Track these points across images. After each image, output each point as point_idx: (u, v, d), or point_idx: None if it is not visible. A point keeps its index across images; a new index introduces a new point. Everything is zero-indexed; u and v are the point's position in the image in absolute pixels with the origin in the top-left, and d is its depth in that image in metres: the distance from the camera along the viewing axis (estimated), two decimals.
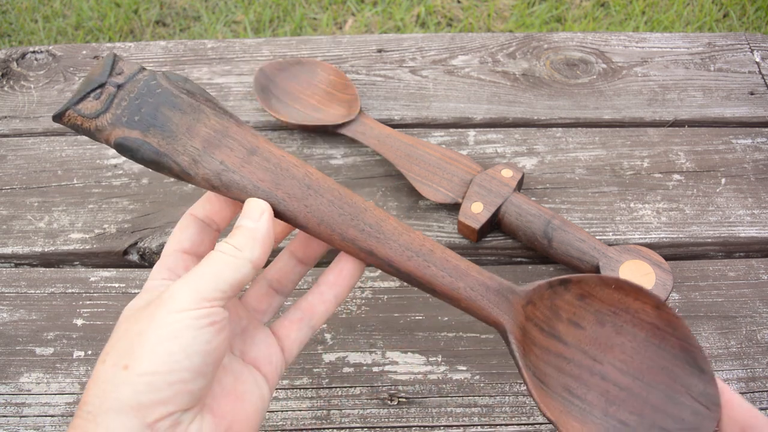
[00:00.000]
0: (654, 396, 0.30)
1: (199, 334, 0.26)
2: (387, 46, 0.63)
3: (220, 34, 1.39)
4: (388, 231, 0.31)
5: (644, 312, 0.31)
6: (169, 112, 0.31)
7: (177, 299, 0.27)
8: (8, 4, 1.44)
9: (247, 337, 0.32)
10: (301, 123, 0.54)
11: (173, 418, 0.26)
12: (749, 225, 0.49)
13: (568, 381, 0.31)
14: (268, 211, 0.30)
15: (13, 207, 0.52)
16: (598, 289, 0.31)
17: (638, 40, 0.62)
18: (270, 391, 0.31)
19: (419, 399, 0.41)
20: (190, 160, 0.30)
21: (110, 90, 0.31)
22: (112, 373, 0.26)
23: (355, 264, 0.33)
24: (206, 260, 0.28)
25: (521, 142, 0.55)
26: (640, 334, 0.31)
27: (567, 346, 0.32)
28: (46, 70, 0.62)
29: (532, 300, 0.31)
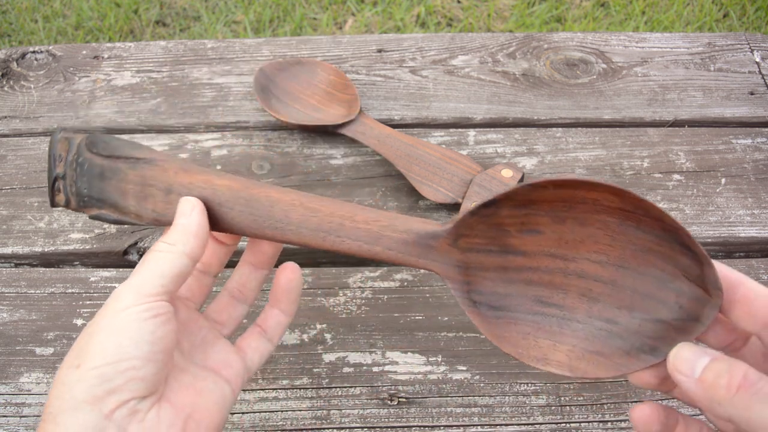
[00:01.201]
0: (644, 283, 0.27)
1: (144, 325, 0.27)
2: (387, 46, 0.63)
3: (220, 34, 1.39)
4: (297, 219, 0.31)
5: (605, 199, 0.27)
6: (101, 183, 0.34)
7: (120, 299, 0.28)
8: (8, 4, 1.44)
9: (207, 347, 0.33)
10: (301, 123, 0.54)
11: (130, 406, 0.27)
12: (749, 225, 0.49)
13: (539, 291, 0.29)
14: (199, 206, 0.32)
15: (13, 207, 0.52)
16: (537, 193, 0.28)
17: (638, 40, 0.62)
18: (232, 392, 0.32)
19: (419, 399, 0.41)
20: (135, 216, 0.34)
21: (60, 183, 0.34)
22: (67, 374, 0.27)
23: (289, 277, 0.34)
24: (144, 260, 0.30)
25: (521, 142, 0.55)
26: (611, 219, 0.27)
27: (528, 257, 0.29)
28: (46, 70, 0.62)
29: (461, 233, 0.30)
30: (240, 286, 0.36)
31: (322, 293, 0.46)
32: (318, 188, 0.52)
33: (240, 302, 0.36)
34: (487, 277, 0.30)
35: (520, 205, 0.29)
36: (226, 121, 0.57)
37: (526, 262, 0.29)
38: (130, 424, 0.27)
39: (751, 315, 0.24)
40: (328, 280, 0.47)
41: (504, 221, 0.29)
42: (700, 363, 0.24)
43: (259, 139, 0.55)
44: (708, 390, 0.24)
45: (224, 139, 0.55)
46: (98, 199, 0.34)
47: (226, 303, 0.36)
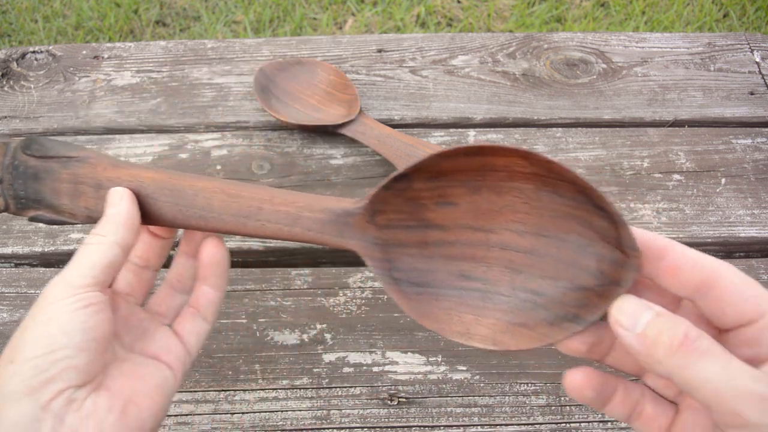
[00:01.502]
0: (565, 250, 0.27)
1: (74, 315, 0.28)
2: (387, 46, 0.63)
3: (220, 34, 1.39)
4: (218, 207, 0.32)
5: (516, 165, 0.27)
6: (36, 184, 0.34)
7: (51, 293, 0.28)
8: (8, 4, 1.44)
9: (147, 337, 0.34)
10: (301, 123, 0.54)
11: (66, 396, 0.27)
12: (749, 225, 0.49)
13: (461, 265, 0.28)
14: (127, 195, 0.32)
15: None
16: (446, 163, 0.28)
17: (638, 40, 0.62)
18: (174, 376, 0.32)
19: (419, 399, 0.41)
20: (69, 215, 0.34)
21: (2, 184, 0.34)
22: (2, 371, 0.27)
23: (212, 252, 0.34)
24: (76, 253, 0.30)
25: (521, 142, 0.55)
26: (526, 185, 0.27)
27: (446, 230, 0.29)
28: (46, 70, 0.62)
29: (378, 209, 0.29)
30: (178, 276, 0.36)
31: (322, 293, 0.46)
32: (318, 188, 0.52)
33: (180, 292, 0.36)
34: (406, 253, 0.29)
35: (434, 177, 0.28)
36: (226, 121, 0.57)
37: (445, 236, 0.29)
38: (68, 413, 0.27)
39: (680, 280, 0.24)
40: (328, 280, 0.47)
41: (419, 195, 0.29)
42: (642, 317, 0.24)
43: (259, 139, 0.55)
44: (648, 347, 0.23)
45: (224, 139, 0.55)
46: (34, 200, 0.34)
47: (165, 294, 0.36)
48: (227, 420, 0.41)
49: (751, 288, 0.24)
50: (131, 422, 0.29)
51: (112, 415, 0.28)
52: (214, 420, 0.41)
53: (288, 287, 0.47)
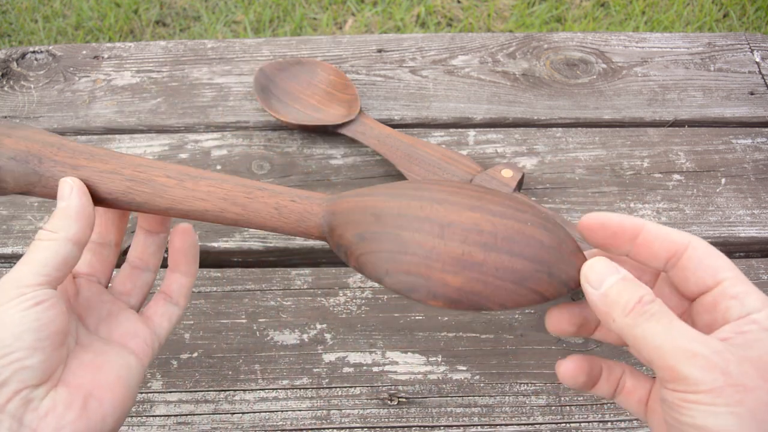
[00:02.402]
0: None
1: (24, 314, 0.27)
2: (387, 46, 0.63)
3: (220, 34, 1.39)
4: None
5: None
6: None
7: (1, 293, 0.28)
8: (8, 4, 1.44)
9: (112, 320, 0.33)
10: (301, 123, 0.54)
11: (22, 397, 0.27)
12: (749, 225, 0.49)
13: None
14: (78, 187, 0.30)
15: (13, 207, 0.52)
16: None
17: (638, 40, 0.62)
18: (139, 363, 0.32)
19: (419, 399, 0.41)
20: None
21: None
22: None
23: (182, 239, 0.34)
24: (28, 250, 0.29)
25: (521, 142, 0.55)
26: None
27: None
28: (46, 70, 0.62)
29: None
30: (139, 254, 0.35)
31: (322, 293, 0.46)
32: (318, 188, 0.52)
33: (143, 270, 0.35)
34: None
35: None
36: (226, 121, 0.57)
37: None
38: (26, 414, 0.27)
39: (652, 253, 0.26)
40: (328, 280, 0.47)
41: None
42: (608, 279, 0.26)
43: (259, 139, 0.55)
44: (608, 305, 0.25)
45: (224, 139, 0.55)
46: None
47: (128, 273, 0.35)
48: (227, 420, 0.41)
49: (712, 258, 0.26)
50: (92, 416, 0.28)
51: (72, 412, 0.28)
52: (214, 420, 0.41)
53: (288, 287, 0.47)
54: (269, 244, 0.49)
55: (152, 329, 0.34)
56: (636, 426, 0.40)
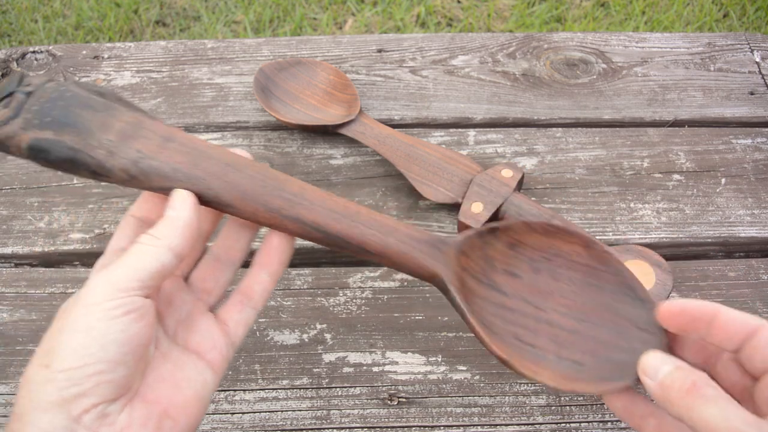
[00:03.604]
0: (603, 333, 0.31)
1: (112, 324, 0.26)
2: (387, 46, 0.63)
3: (220, 34, 1.39)
4: (313, 198, 0.31)
5: (576, 254, 0.32)
6: (81, 110, 0.30)
7: (92, 293, 0.27)
8: (8, 4, 1.44)
9: (191, 324, 0.32)
10: (301, 123, 0.54)
11: (99, 410, 0.26)
12: (749, 225, 0.49)
13: (515, 330, 0.31)
14: (190, 199, 0.30)
15: (13, 207, 0.52)
16: (526, 236, 0.32)
17: (638, 40, 0.62)
18: (214, 377, 0.31)
19: (419, 399, 0.41)
20: (106, 153, 0.30)
21: (19, 97, 0.30)
22: (36, 373, 0.26)
23: (282, 239, 0.33)
24: (126, 252, 0.28)
25: (521, 142, 0.55)
26: (576, 276, 0.32)
27: (507, 297, 0.32)
28: (46, 70, 0.62)
29: (465, 251, 0.32)
30: (226, 248, 0.34)
31: (322, 293, 0.46)
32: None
33: (226, 265, 0.34)
34: (475, 302, 0.31)
35: (510, 245, 0.32)
36: (226, 121, 0.57)
37: (506, 301, 0.32)
38: (101, 428, 0.26)
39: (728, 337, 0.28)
40: (328, 280, 0.47)
41: (496, 256, 0.32)
42: (663, 369, 0.27)
43: (259, 139, 0.55)
44: (665, 392, 0.27)
45: (224, 139, 0.55)
46: (64, 124, 0.30)
47: (212, 267, 0.34)
48: (227, 420, 0.41)
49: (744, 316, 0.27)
50: None
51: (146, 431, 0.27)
52: (213, 420, 0.41)
53: (288, 287, 0.47)
54: None
55: (228, 337, 0.32)
56: None
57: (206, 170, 0.31)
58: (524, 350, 0.31)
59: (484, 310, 0.31)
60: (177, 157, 0.31)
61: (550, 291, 0.32)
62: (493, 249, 0.32)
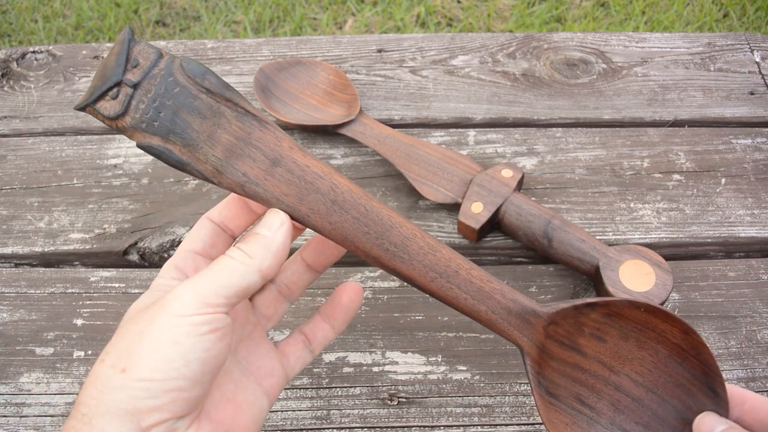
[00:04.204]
0: (663, 409, 0.31)
1: (198, 341, 0.26)
2: (387, 46, 0.63)
3: (220, 34, 1.39)
4: (413, 251, 0.30)
5: (671, 333, 0.31)
6: (189, 117, 0.29)
7: (180, 302, 0.26)
8: (8, 4, 1.44)
9: (252, 345, 0.32)
10: (301, 123, 0.54)
11: (168, 425, 0.26)
12: (749, 225, 0.49)
13: (580, 390, 0.32)
14: (287, 224, 0.29)
15: (13, 207, 0.52)
16: (627, 310, 0.32)
17: (638, 40, 0.62)
18: (269, 406, 0.31)
19: (419, 399, 0.41)
20: (213, 170, 0.29)
21: (126, 90, 0.29)
22: (110, 375, 0.26)
23: (351, 297, 0.34)
24: (214, 264, 0.28)
25: (521, 142, 0.55)
26: (663, 350, 0.31)
27: (585, 357, 0.32)
28: (46, 70, 0.62)
29: (556, 320, 0.32)
30: (290, 284, 0.34)
31: (322, 293, 0.46)
32: None
33: (286, 299, 0.35)
34: (549, 365, 0.32)
35: (606, 315, 0.32)
36: None
37: (582, 361, 0.32)
38: None
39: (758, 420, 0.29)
40: (328, 280, 0.47)
41: (587, 323, 0.32)
42: (718, 428, 0.29)
43: None
44: None
45: None
46: (170, 131, 0.29)
47: (273, 298, 0.34)
48: None
49: None
50: None
51: None
52: None
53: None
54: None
55: (285, 369, 0.33)
56: None
57: (311, 206, 0.30)
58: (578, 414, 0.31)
59: (555, 371, 0.32)
60: (283, 188, 0.30)
61: (631, 357, 0.32)
62: (587, 317, 0.32)
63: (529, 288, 0.46)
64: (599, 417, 0.31)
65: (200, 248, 0.32)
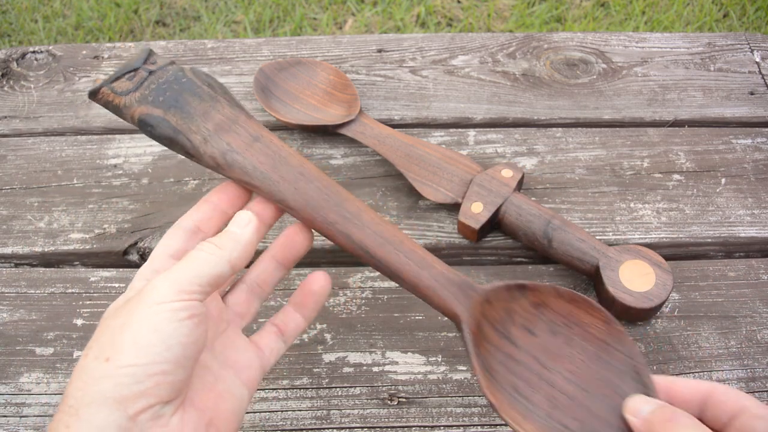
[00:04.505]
0: (597, 406, 0.32)
1: (179, 326, 0.27)
2: (387, 46, 0.63)
3: (220, 34, 1.39)
4: (366, 220, 0.34)
5: (594, 327, 0.34)
6: (190, 97, 0.35)
7: (157, 292, 0.28)
8: (8, 4, 1.44)
9: (227, 341, 0.33)
10: (301, 123, 0.54)
11: (154, 411, 0.26)
12: (749, 225, 0.49)
13: (515, 381, 0.33)
14: (255, 221, 0.32)
15: (13, 207, 0.52)
16: (552, 299, 0.34)
17: (638, 40, 0.62)
18: (249, 396, 0.32)
19: (419, 399, 0.41)
20: (201, 139, 0.34)
21: (142, 74, 0.35)
22: (94, 366, 0.26)
23: (321, 286, 0.35)
24: (187, 256, 0.29)
25: (521, 142, 0.55)
26: (590, 348, 0.33)
27: (518, 349, 0.34)
28: (46, 70, 0.62)
29: (490, 299, 0.34)
30: (261, 282, 0.35)
31: None
32: None
33: (257, 297, 0.36)
34: (485, 347, 0.33)
35: (535, 305, 0.34)
36: None
37: (515, 353, 0.34)
38: (154, 428, 0.26)
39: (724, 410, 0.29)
40: None
41: (517, 311, 0.34)
42: (646, 408, 0.29)
43: None
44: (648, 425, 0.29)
45: None
46: (172, 106, 0.34)
47: (245, 297, 0.35)
48: None
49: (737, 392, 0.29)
50: None
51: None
52: None
53: (288, 287, 0.47)
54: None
55: (261, 361, 0.34)
56: None
57: (281, 175, 0.34)
58: (517, 401, 0.33)
59: (491, 356, 0.33)
60: (260, 158, 0.34)
61: (561, 355, 0.34)
62: (517, 304, 0.34)
63: None
64: (536, 409, 0.32)
65: (174, 251, 0.33)
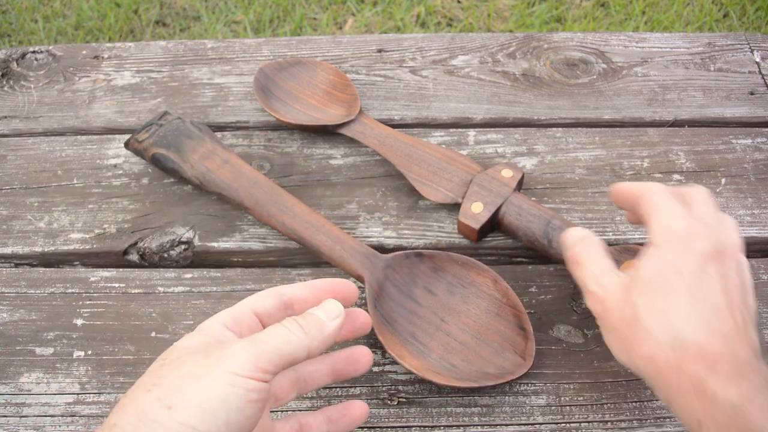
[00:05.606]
0: (485, 350, 0.41)
1: (245, 406, 0.27)
2: (387, 46, 0.63)
3: (220, 34, 1.39)
4: (297, 211, 0.46)
5: (485, 285, 0.43)
6: (184, 139, 0.50)
7: (236, 360, 0.28)
8: (8, 4, 1.44)
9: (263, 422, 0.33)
10: (301, 123, 0.54)
11: None
12: (749, 225, 0.49)
13: (415, 330, 0.42)
14: (342, 318, 0.32)
15: (13, 207, 0.52)
16: (448, 264, 0.44)
17: (638, 40, 0.62)
18: None
19: (419, 399, 0.41)
20: (190, 166, 0.49)
21: (156, 128, 0.51)
22: (155, 409, 0.26)
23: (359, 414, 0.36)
24: (270, 329, 0.30)
25: (521, 142, 0.55)
26: (483, 304, 0.43)
27: (420, 306, 0.43)
28: (46, 70, 0.62)
29: (392, 265, 0.43)
30: (308, 379, 0.36)
31: None
32: (318, 188, 0.52)
33: (298, 390, 0.36)
34: (388, 303, 0.42)
35: (434, 269, 0.44)
36: (226, 121, 0.57)
37: (417, 309, 0.43)
38: None
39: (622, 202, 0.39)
40: None
41: (419, 275, 0.44)
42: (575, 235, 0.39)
43: (259, 139, 0.55)
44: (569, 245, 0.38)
45: (224, 139, 0.55)
46: (170, 144, 0.49)
47: (289, 384, 0.35)
48: None
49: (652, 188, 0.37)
50: None
51: None
52: None
53: None
54: (269, 244, 0.49)
55: None
56: (636, 426, 0.40)
57: (240, 184, 0.48)
58: (411, 344, 0.41)
59: (393, 311, 0.42)
60: (227, 174, 0.48)
61: (458, 310, 0.42)
62: (418, 269, 0.44)
63: (529, 288, 0.46)
64: (430, 352, 0.41)
65: (261, 311, 0.33)
